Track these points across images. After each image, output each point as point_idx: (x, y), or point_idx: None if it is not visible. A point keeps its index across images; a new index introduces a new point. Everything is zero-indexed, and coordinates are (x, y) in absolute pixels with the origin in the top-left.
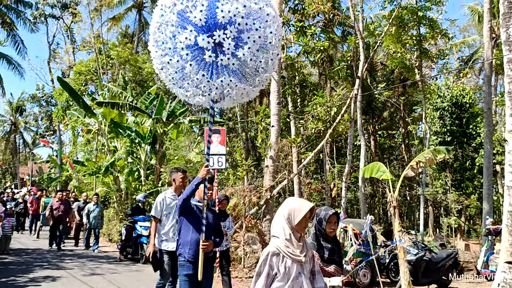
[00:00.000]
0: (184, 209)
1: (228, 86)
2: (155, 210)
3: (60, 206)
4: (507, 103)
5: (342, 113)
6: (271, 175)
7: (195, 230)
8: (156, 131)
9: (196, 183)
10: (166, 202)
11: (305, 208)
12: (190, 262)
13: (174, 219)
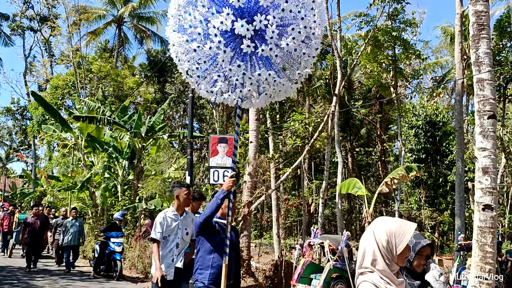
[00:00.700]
0: (205, 228)
1: (265, 81)
2: (155, 231)
3: (36, 221)
4: (477, 122)
5: (320, 130)
6: (249, 190)
7: (217, 252)
8: (135, 146)
9: (221, 196)
10: (166, 223)
11: (409, 231)
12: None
13: (174, 243)
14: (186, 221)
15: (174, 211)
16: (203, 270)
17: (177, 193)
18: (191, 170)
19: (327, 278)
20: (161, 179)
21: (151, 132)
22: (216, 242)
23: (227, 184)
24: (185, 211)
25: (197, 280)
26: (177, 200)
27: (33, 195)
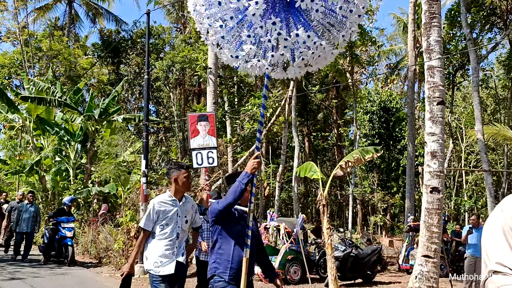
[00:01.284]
0: (224, 216)
1: (304, 44)
2: (147, 220)
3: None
4: (427, 108)
5: (277, 114)
6: (206, 174)
7: (237, 243)
8: (87, 129)
9: (246, 181)
10: (162, 210)
11: None
12: (232, 285)
13: (174, 233)
14: (186, 207)
15: (172, 196)
16: (222, 264)
17: (175, 176)
18: (146, 154)
19: (282, 260)
20: (116, 162)
21: (105, 114)
22: (236, 232)
23: (251, 166)
24: (184, 196)
25: (215, 275)
26: (175, 183)
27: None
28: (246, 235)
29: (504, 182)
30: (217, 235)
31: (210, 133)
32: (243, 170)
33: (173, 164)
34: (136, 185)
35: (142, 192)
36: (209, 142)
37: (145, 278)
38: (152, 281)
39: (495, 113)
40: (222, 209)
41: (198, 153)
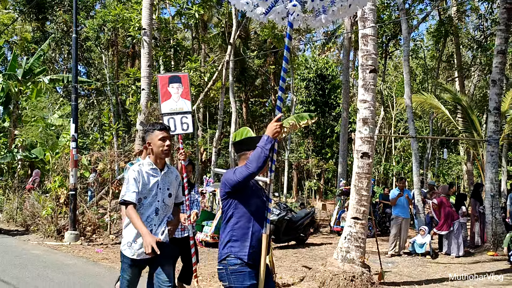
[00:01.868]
0: (240, 188)
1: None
2: (129, 190)
3: None
4: (360, 75)
5: (214, 79)
6: (141, 139)
7: (256, 219)
8: (10, 90)
9: (269, 146)
10: (142, 180)
11: None
12: (250, 267)
13: (152, 207)
14: (169, 178)
15: (152, 164)
16: (240, 242)
17: (150, 139)
18: (76, 118)
19: (218, 225)
20: (43, 126)
21: (30, 75)
22: (254, 207)
23: (273, 129)
24: (167, 165)
25: (231, 255)
26: (152, 149)
27: None
28: (266, 209)
29: (428, 148)
30: (232, 210)
31: (184, 96)
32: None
33: (148, 125)
34: (65, 150)
35: (72, 157)
36: (183, 106)
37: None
38: (123, 262)
39: (423, 83)
40: (242, 180)
41: (170, 119)
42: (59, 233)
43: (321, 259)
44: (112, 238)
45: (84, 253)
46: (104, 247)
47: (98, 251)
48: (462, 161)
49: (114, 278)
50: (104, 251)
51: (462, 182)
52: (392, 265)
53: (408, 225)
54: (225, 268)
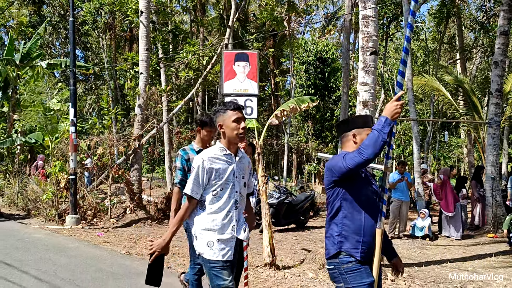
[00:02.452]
0: (350, 176)
1: None
2: (195, 182)
3: None
4: (360, 58)
5: (213, 63)
6: (140, 123)
7: (367, 211)
8: (8, 75)
9: (388, 129)
10: (215, 169)
11: None
12: (364, 264)
13: (231, 201)
14: (242, 165)
15: (225, 149)
16: (351, 238)
17: (222, 121)
18: (74, 102)
19: None
20: (42, 111)
21: (27, 59)
22: (365, 197)
23: (393, 110)
24: (239, 150)
25: (342, 253)
26: (225, 131)
27: None
28: (380, 200)
29: (429, 131)
30: (339, 201)
31: (250, 77)
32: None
33: (219, 104)
34: (65, 135)
35: (71, 141)
36: (249, 88)
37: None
38: (210, 267)
39: (424, 65)
40: (354, 167)
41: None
42: (60, 217)
43: (321, 242)
44: (112, 222)
45: (85, 236)
46: (105, 231)
47: (99, 234)
48: (463, 144)
49: (116, 261)
50: (105, 234)
51: (463, 165)
52: None
53: (408, 208)
54: (337, 267)
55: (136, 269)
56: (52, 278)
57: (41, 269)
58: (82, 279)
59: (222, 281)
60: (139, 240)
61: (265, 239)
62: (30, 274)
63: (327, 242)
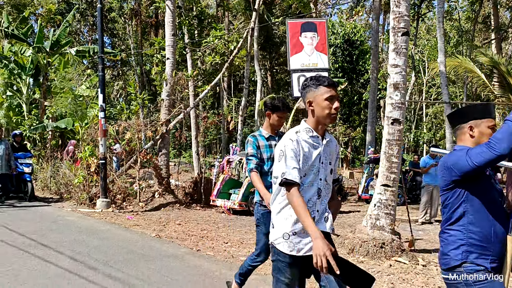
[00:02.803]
0: (475, 175)
1: None
2: (293, 165)
3: None
4: (391, 39)
5: (239, 47)
6: (167, 109)
7: (495, 216)
8: (39, 62)
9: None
10: (304, 153)
11: None
12: (496, 276)
13: (314, 188)
14: (329, 149)
15: (312, 130)
16: (478, 246)
17: (313, 97)
18: (103, 88)
19: (245, 192)
20: (71, 97)
21: (57, 46)
22: (492, 199)
23: None
24: (327, 132)
25: (467, 262)
26: (314, 109)
27: None
28: (503, 202)
29: None
30: (463, 204)
31: (320, 49)
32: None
33: (310, 79)
34: (94, 120)
35: (101, 127)
36: (318, 62)
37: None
38: (278, 260)
39: (457, 46)
40: (482, 164)
41: (301, 76)
42: (91, 201)
43: (350, 227)
44: (141, 206)
45: (116, 219)
46: (134, 214)
47: (129, 218)
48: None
49: (146, 243)
50: (135, 218)
51: None
52: (423, 233)
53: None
54: (463, 278)
55: (166, 251)
56: (86, 259)
57: (75, 250)
58: (114, 260)
59: (283, 278)
60: (168, 224)
61: None
62: (66, 255)
63: (445, 251)
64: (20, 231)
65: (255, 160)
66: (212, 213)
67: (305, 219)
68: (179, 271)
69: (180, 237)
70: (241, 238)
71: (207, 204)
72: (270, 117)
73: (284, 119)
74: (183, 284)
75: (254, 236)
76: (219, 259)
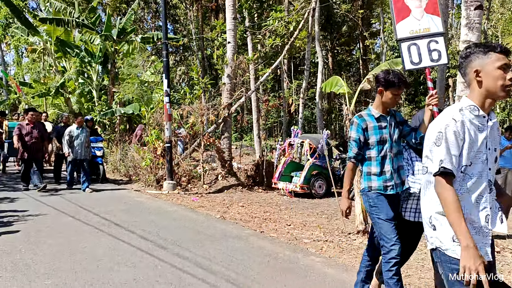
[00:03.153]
0: None
1: None
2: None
3: (33, 130)
4: (463, 13)
5: (300, 28)
6: (228, 92)
7: None
8: (107, 50)
9: None
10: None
11: None
12: None
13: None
14: (495, 132)
15: (477, 108)
16: None
17: (478, 66)
18: (167, 73)
19: (307, 175)
20: (138, 83)
21: (123, 34)
22: None
23: None
24: (492, 111)
25: None
26: (482, 80)
27: (7, 102)
28: None
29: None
30: None
31: (430, 10)
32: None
33: (475, 45)
34: (159, 105)
35: (166, 111)
36: (430, 26)
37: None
38: (452, 269)
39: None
40: None
41: (411, 45)
42: (158, 183)
43: None
44: (205, 188)
45: (182, 201)
46: (199, 196)
47: (194, 199)
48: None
49: (211, 224)
50: (200, 199)
51: None
52: None
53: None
54: None
55: (231, 232)
56: (156, 238)
57: (145, 230)
58: (182, 240)
59: None
60: (231, 206)
61: (357, 206)
62: (137, 234)
63: None
64: (94, 211)
65: (355, 149)
66: (274, 196)
67: (457, 220)
68: (244, 251)
69: (244, 219)
70: (304, 221)
71: (269, 186)
72: (382, 95)
73: (399, 97)
74: (248, 264)
75: (316, 219)
76: (283, 241)
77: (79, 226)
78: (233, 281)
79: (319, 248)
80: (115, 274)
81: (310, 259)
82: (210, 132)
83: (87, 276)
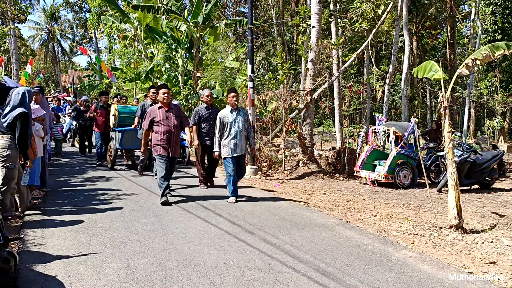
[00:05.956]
0: None
1: None
2: None
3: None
4: None
5: (388, 10)
6: (311, 78)
7: None
8: (192, 36)
9: None
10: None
11: None
12: None
13: None
14: None
15: None
16: None
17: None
18: (252, 58)
19: (392, 165)
20: (221, 68)
21: (208, 20)
22: None
23: None
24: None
25: None
26: None
27: (100, 86)
28: None
29: None
30: None
31: None
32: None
33: None
34: (242, 90)
35: (249, 96)
36: None
37: None
38: None
39: None
40: None
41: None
42: None
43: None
44: (286, 174)
45: (264, 186)
46: (280, 182)
47: (276, 185)
48: None
49: (296, 211)
50: (281, 185)
51: None
52: None
53: None
54: None
55: (316, 220)
56: (242, 223)
57: (231, 214)
58: (268, 226)
59: None
60: (313, 193)
61: (451, 200)
62: (224, 217)
63: None
64: (181, 193)
65: None
66: (356, 184)
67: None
68: (331, 241)
69: (328, 207)
70: (390, 212)
71: (350, 174)
72: None
73: None
74: (337, 255)
75: (403, 211)
76: (371, 232)
77: (170, 208)
78: (323, 272)
79: (410, 242)
80: (206, 257)
81: (402, 254)
82: (292, 117)
83: (180, 257)
